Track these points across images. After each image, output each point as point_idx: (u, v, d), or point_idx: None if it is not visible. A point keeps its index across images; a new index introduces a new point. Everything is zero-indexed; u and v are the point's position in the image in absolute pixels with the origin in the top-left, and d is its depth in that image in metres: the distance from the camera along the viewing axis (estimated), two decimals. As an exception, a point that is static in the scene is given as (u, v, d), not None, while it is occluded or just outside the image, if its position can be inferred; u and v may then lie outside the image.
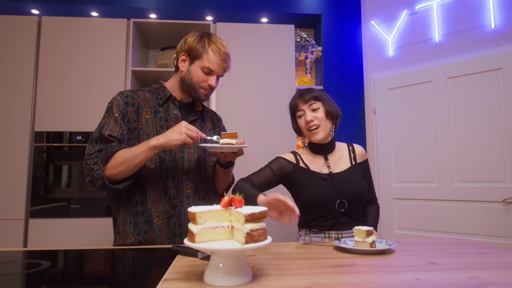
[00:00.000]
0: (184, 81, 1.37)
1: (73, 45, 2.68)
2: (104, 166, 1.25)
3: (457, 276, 0.84)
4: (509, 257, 1.05)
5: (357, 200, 1.45)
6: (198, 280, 0.81)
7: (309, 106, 1.47)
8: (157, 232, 1.31)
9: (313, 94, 1.49)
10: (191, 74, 1.35)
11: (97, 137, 1.29)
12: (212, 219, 0.82)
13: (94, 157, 1.26)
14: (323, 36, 3.07)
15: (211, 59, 1.33)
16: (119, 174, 1.25)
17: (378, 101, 2.93)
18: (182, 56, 1.38)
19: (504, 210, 2.27)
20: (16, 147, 2.55)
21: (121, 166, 1.23)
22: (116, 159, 1.24)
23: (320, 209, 1.44)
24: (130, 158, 1.23)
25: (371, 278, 0.84)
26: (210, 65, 1.33)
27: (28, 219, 2.50)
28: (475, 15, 2.50)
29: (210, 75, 1.35)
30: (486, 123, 2.37)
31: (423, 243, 1.27)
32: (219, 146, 1.24)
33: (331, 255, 1.08)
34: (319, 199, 1.42)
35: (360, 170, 1.52)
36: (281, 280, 0.82)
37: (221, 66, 1.36)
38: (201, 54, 1.33)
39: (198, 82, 1.35)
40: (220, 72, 1.38)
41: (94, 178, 1.25)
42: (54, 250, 1.22)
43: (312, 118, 1.45)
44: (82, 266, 1.11)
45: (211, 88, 1.37)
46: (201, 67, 1.34)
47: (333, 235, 1.43)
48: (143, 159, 1.23)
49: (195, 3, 2.99)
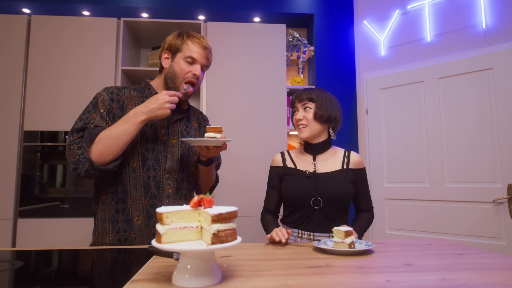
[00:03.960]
0: (168, 76, 1.38)
1: (63, 44, 2.67)
2: (89, 147, 1.22)
3: (429, 278, 0.83)
4: (487, 258, 1.04)
5: (335, 200, 1.44)
6: (167, 282, 0.80)
7: (302, 105, 1.54)
8: (137, 232, 1.30)
9: (309, 95, 1.53)
10: (174, 68, 1.36)
11: (79, 128, 1.27)
12: (180, 219, 0.81)
13: (77, 142, 1.24)
14: (315, 35, 3.06)
15: (192, 48, 1.36)
16: (106, 153, 1.22)
17: (370, 101, 2.92)
18: (164, 54, 1.40)
19: (494, 210, 2.26)
20: (4, 147, 2.54)
21: (108, 145, 1.21)
22: (101, 138, 1.22)
23: (295, 204, 1.48)
24: (118, 136, 1.21)
25: (341, 279, 0.83)
26: (192, 54, 1.35)
27: (16, 218, 2.49)
28: (467, 15, 2.49)
29: (193, 64, 1.37)
30: (477, 123, 2.36)
31: (404, 244, 1.26)
32: (203, 139, 1.23)
33: (308, 256, 1.07)
34: (294, 194, 1.46)
35: (349, 175, 1.49)
36: (250, 281, 0.81)
37: (202, 54, 1.37)
38: (181, 46, 1.36)
39: (182, 74, 1.35)
40: (203, 61, 1.38)
41: (79, 163, 1.22)
42: (28, 250, 1.21)
43: (301, 117, 1.52)
44: (54, 266, 1.10)
45: (195, 78, 1.37)
46: (183, 58, 1.36)
47: (305, 235, 1.44)
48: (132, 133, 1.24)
49: (187, 3, 2.98)
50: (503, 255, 1.06)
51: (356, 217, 1.56)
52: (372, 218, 1.56)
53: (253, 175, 2.64)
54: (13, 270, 0.95)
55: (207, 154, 1.33)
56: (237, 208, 0.83)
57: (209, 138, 1.22)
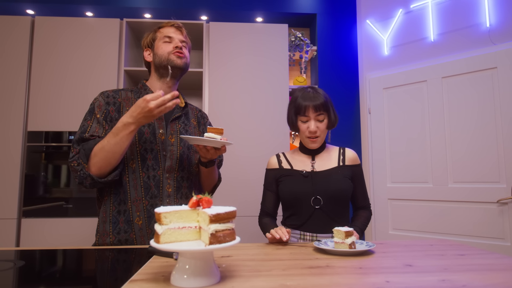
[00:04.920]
0: (156, 65, 1.41)
1: (67, 45, 2.69)
2: (86, 164, 1.24)
3: (428, 279, 0.82)
4: (489, 259, 1.03)
5: (335, 198, 1.42)
6: (165, 282, 0.80)
7: (317, 116, 1.44)
8: (137, 232, 1.30)
9: (323, 101, 1.44)
10: (156, 52, 1.41)
11: (78, 139, 1.29)
12: (179, 219, 0.81)
13: (77, 159, 1.26)
14: (318, 35, 3.05)
15: (165, 31, 1.43)
16: (103, 166, 1.23)
17: (373, 101, 2.90)
18: (145, 53, 1.47)
19: (499, 211, 2.24)
20: (9, 147, 2.56)
21: (107, 159, 1.22)
22: (97, 154, 1.23)
23: (295, 205, 1.45)
24: (112, 149, 1.22)
25: (340, 280, 0.82)
26: (166, 33, 1.41)
27: (20, 218, 2.51)
28: (470, 14, 2.47)
29: (172, 42, 1.41)
30: (481, 123, 2.34)
31: (405, 244, 1.25)
32: (202, 138, 1.22)
33: (308, 256, 1.07)
34: (293, 195, 1.44)
35: (347, 171, 1.48)
36: (248, 282, 0.81)
37: (176, 32, 1.43)
38: (155, 35, 1.43)
39: (165, 53, 1.39)
40: (180, 36, 1.43)
41: (82, 179, 1.25)
42: (30, 250, 1.21)
43: (315, 129, 1.43)
44: (53, 265, 1.10)
45: (179, 49, 1.40)
46: (161, 42, 1.41)
47: (307, 236, 1.42)
48: (128, 145, 1.24)
49: (189, 3, 2.99)
50: (504, 256, 1.05)
51: (354, 216, 1.52)
52: (370, 215, 1.54)
53: (255, 176, 2.63)
54: (15, 269, 0.95)
55: (205, 155, 1.32)
56: (236, 208, 0.83)
57: (208, 138, 1.21)
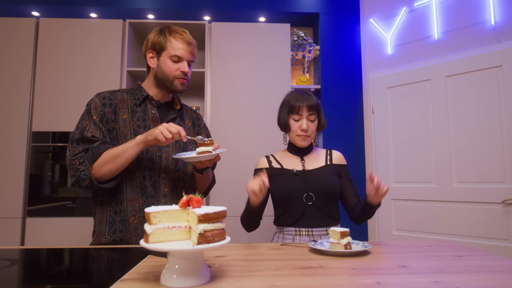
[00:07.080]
0: (158, 76, 1.39)
1: (71, 46, 2.71)
2: (91, 166, 1.26)
3: (421, 280, 0.81)
4: (487, 260, 1.01)
5: (326, 194, 1.45)
6: (155, 281, 0.81)
7: (309, 115, 1.50)
8: (132, 231, 1.31)
9: (316, 102, 1.52)
10: (162, 67, 1.37)
11: (78, 138, 1.30)
12: (168, 219, 0.81)
13: (80, 158, 1.27)
14: (321, 34, 3.03)
15: (176, 46, 1.36)
16: (106, 173, 1.26)
17: (376, 100, 2.88)
18: (149, 54, 1.40)
19: (504, 211, 2.20)
20: (15, 147, 2.59)
21: (108, 164, 1.24)
22: (103, 158, 1.25)
23: (288, 203, 1.46)
24: (116, 155, 1.24)
25: (331, 281, 0.82)
26: (177, 51, 1.36)
27: (25, 217, 2.54)
28: (475, 12, 2.43)
29: (180, 62, 1.37)
30: (486, 122, 2.30)
31: (403, 245, 1.24)
32: (196, 156, 1.25)
33: (302, 257, 1.06)
34: (286, 193, 1.46)
35: (334, 169, 1.54)
36: (238, 282, 0.80)
37: (187, 50, 1.38)
38: (164, 45, 1.36)
39: (171, 73, 1.37)
40: (189, 57, 1.39)
41: (80, 179, 1.26)
42: (31, 249, 1.23)
43: (306, 128, 1.49)
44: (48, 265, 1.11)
45: (184, 75, 1.38)
46: (169, 57, 1.36)
47: (303, 232, 1.42)
48: (130, 155, 1.25)
49: (192, 4, 3.00)
50: (504, 258, 1.03)
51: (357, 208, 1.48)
52: None
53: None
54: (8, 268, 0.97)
55: (201, 167, 1.36)
56: (226, 208, 0.82)
57: (201, 154, 1.24)
